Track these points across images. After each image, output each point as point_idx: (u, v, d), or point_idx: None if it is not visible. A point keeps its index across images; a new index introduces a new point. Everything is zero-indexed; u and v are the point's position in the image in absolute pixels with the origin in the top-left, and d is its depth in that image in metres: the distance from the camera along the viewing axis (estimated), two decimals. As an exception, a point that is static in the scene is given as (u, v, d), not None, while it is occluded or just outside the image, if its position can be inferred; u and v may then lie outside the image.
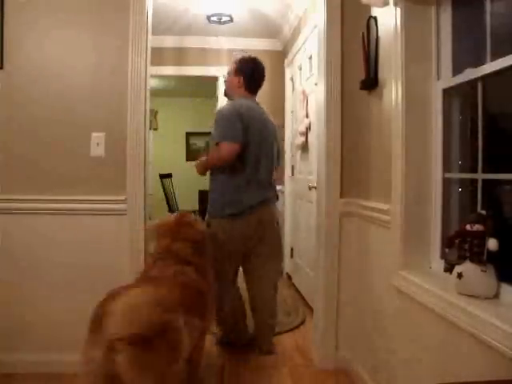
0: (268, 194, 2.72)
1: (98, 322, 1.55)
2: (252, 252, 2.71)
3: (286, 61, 4.75)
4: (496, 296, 1.41)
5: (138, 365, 1.44)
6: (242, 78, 2.73)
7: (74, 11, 2.44)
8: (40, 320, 2.45)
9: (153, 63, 2.58)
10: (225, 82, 2.95)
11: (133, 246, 2.44)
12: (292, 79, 4.57)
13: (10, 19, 2.40)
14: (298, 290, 4.05)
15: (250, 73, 2.74)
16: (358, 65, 2.37)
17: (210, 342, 2.73)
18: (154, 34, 2.60)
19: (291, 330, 3.15)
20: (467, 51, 1.74)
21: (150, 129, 5.12)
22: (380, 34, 2.16)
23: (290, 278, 4.48)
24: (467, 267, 1.43)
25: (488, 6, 1.52)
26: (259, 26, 4.45)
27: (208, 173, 2.75)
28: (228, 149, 2.49)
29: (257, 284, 2.76)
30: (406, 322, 1.83)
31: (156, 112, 8.09)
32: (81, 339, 2.43)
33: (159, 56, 4.42)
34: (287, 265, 4.59)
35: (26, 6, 2.41)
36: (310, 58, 3.62)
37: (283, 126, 4.74)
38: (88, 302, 2.45)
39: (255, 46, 4.87)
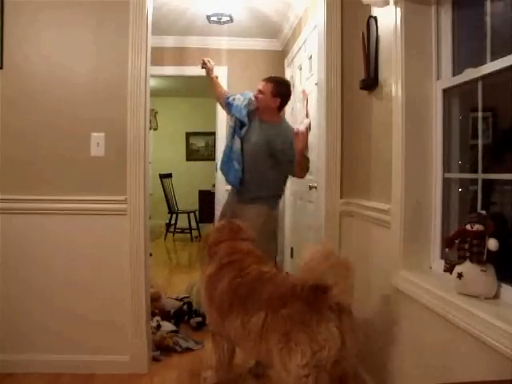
0: None
1: (312, 301, 1.60)
2: None
3: (286, 61, 4.75)
4: (496, 296, 1.40)
5: (353, 329, 1.63)
6: (279, 100, 2.93)
7: (75, 12, 2.44)
8: (39, 320, 2.46)
9: (153, 63, 2.58)
10: (256, 97, 2.98)
11: (133, 246, 2.44)
12: (292, 79, 4.57)
13: (9, 19, 2.40)
14: (298, 290, 4.04)
15: (286, 98, 3.01)
16: (358, 65, 2.37)
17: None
18: (154, 33, 2.60)
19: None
20: (467, 51, 1.74)
21: (150, 129, 5.12)
22: (380, 33, 2.16)
23: (290, 277, 4.47)
24: (467, 267, 1.43)
25: (488, 6, 1.52)
26: (259, 26, 4.45)
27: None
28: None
29: None
30: (406, 322, 1.82)
31: (156, 112, 8.09)
32: (80, 339, 2.45)
33: (159, 56, 4.42)
34: (287, 265, 4.59)
35: (26, 5, 2.41)
36: (310, 58, 3.61)
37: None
38: (88, 302, 2.47)
39: (255, 45, 4.87)
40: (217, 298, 2.03)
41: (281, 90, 2.92)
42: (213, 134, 5.66)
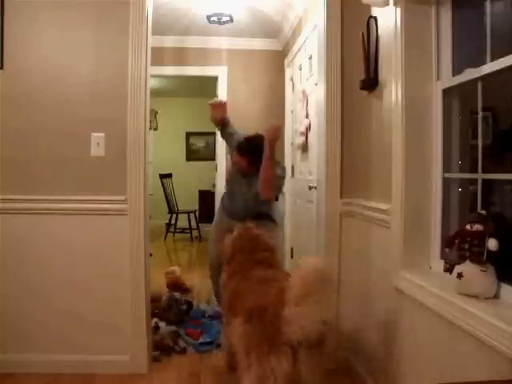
0: None
1: (270, 328, 1.57)
2: None
3: (285, 61, 4.75)
4: (496, 296, 1.40)
5: (313, 365, 1.56)
6: (258, 166, 2.66)
7: (75, 12, 2.44)
8: (39, 320, 2.46)
9: (153, 63, 2.58)
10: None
11: (133, 246, 2.44)
12: (292, 79, 4.57)
13: (9, 19, 2.40)
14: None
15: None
16: (358, 65, 2.37)
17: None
18: (154, 33, 2.60)
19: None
20: (467, 51, 1.74)
21: (150, 129, 5.12)
22: (380, 33, 2.16)
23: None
24: (467, 267, 1.43)
25: (488, 6, 1.52)
26: (259, 26, 4.45)
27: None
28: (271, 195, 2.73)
29: None
30: (406, 321, 1.83)
31: (156, 112, 8.09)
32: (80, 339, 2.45)
33: (159, 56, 4.42)
34: (287, 265, 4.58)
35: (26, 5, 2.41)
36: (310, 58, 3.61)
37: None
38: (88, 302, 2.47)
39: (255, 45, 4.87)
40: (225, 299, 2.11)
41: (256, 159, 2.66)
42: (213, 133, 5.66)
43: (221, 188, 4.86)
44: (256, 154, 2.69)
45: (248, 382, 1.59)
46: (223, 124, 3.10)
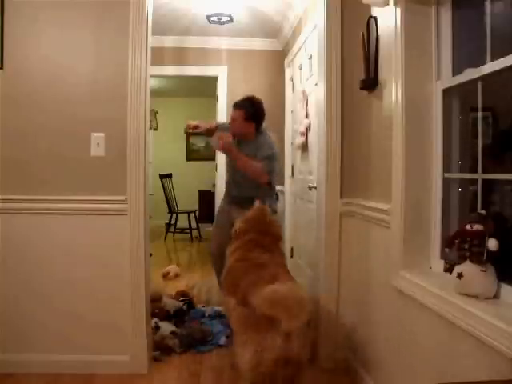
0: None
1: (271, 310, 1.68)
2: None
3: (286, 61, 4.74)
4: (496, 296, 1.40)
5: (305, 343, 1.73)
6: (253, 124, 2.93)
7: (75, 12, 2.44)
8: (39, 320, 2.46)
9: (153, 63, 2.58)
10: (230, 125, 3.06)
11: (133, 246, 2.44)
12: (292, 79, 4.57)
13: (9, 19, 2.40)
14: (298, 290, 4.03)
15: (260, 118, 2.99)
16: (358, 65, 2.37)
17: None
18: (154, 33, 2.60)
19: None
20: (467, 51, 1.74)
21: (150, 129, 5.12)
22: (380, 33, 2.16)
23: (290, 277, 4.47)
24: (467, 267, 1.43)
25: (488, 6, 1.52)
26: (259, 26, 4.45)
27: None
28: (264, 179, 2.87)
29: None
30: (406, 321, 1.83)
31: (156, 112, 8.08)
32: (80, 339, 2.45)
33: (159, 56, 4.42)
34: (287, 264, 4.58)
35: (26, 5, 2.41)
36: (310, 58, 3.61)
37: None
38: (88, 302, 2.47)
39: (255, 45, 4.87)
40: (223, 274, 2.27)
41: (253, 113, 2.93)
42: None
43: (221, 188, 4.87)
44: (253, 110, 2.92)
45: (246, 356, 1.69)
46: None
